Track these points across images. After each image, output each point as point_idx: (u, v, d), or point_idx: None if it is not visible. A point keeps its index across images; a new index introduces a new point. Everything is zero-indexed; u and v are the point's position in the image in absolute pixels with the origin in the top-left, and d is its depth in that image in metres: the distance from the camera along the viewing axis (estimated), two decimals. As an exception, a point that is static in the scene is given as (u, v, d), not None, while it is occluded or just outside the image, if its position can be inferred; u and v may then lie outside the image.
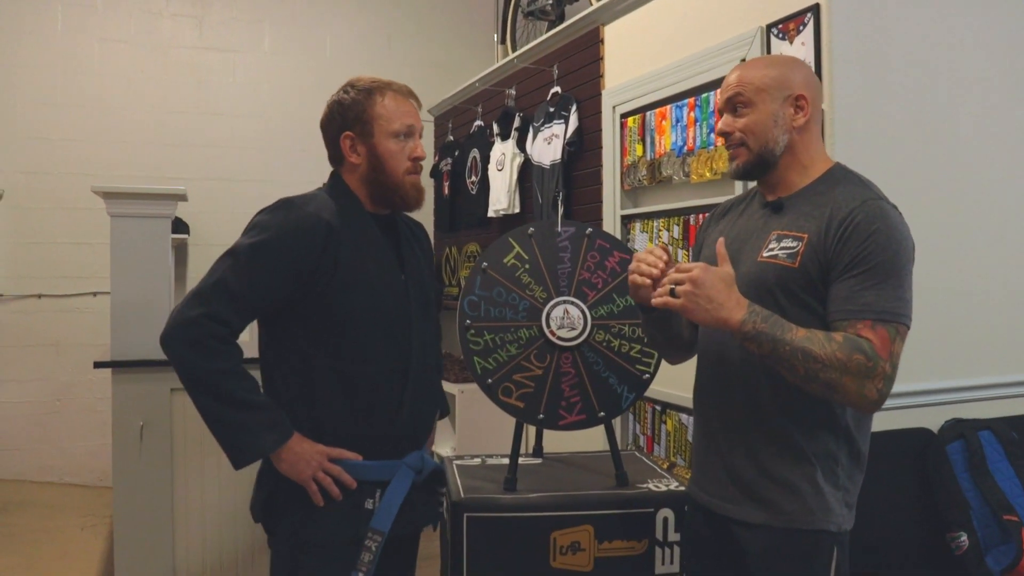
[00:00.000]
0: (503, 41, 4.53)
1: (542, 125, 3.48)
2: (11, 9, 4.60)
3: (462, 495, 1.77)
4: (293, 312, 1.62)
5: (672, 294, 1.33)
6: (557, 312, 1.89)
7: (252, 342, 1.72)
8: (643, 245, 2.82)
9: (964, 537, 1.96)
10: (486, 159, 4.01)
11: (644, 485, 1.85)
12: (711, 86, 2.46)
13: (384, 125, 1.65)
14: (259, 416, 1.57)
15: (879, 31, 2.10)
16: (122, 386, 2.66)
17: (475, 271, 1.91)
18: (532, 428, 2.13)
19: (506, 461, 1.88)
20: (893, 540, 1.99)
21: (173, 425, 2.68)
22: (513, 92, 3.89)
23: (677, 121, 2.64)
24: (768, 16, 2.24)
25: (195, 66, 4.92)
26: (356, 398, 1.63)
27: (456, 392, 3.67)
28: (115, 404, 2.67)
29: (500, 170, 3.82)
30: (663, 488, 1.83)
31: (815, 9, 2.07)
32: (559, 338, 1.87)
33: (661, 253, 1.44)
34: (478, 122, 4.23)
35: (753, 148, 1.45)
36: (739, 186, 2.23)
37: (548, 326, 1.87)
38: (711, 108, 2.47)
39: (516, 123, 3.75)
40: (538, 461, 2.05)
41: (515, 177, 3.72)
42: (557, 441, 2.21)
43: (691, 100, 2.57)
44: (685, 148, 2.60)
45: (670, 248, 2.62)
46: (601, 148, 3.08)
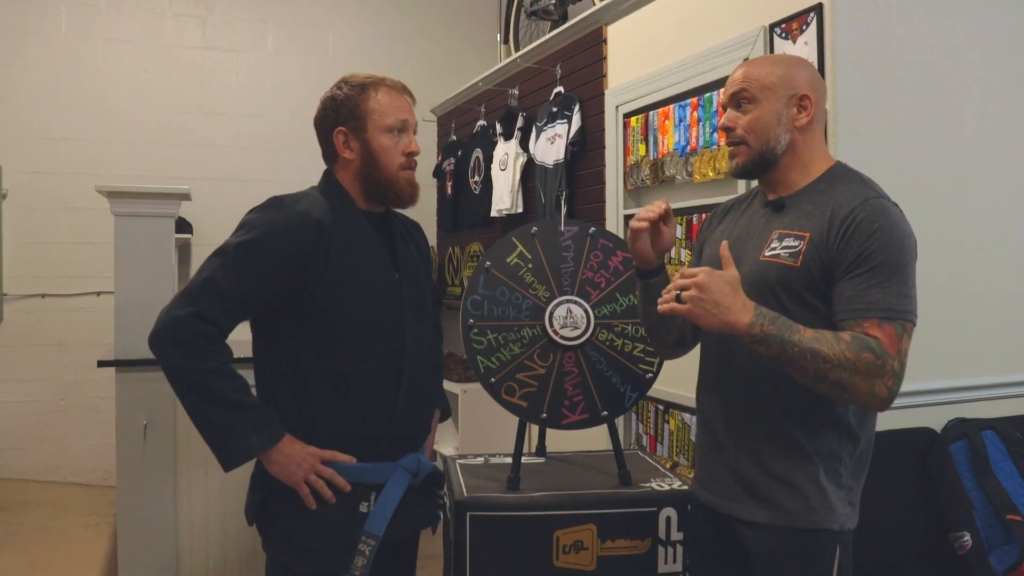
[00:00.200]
0: (506, 41, 4.53)
1: (545, 125, 3.48)
2: (15, 9, 4.61)
3: (465, 494, 1.76)
4: (285, 311, 1.60)
5: (678, 300, 1.33)
6: (560, 311, 1.89)
7: (244, 342, 1.71)
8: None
9: (967, 537, 1.96)
10: (489, 159, 4.01)
11: (647, 484, 1.85)
12: (714, 85, 2.46)
13: (377, 120, 1.64)
14: (248, 417, 1.54)
15: (882, 31, 2.10)
16: (126, 385, 2.67)
17: (478, 270, 1.90)
18: (535, 427, 2.13)
19: (509, 460, 1.88)
20: (896, 539, 1.99)
21: (177, 424, 2.68)
22: (516, 92, 3.89)
23: (680, 121, 2.64)
24: (771, 15, 2.24)
25: (198, 66, 4.93)
26: (349, 399, 1.61)
27: (459, 391, 3.67)
28: (119, 403, 2.68)
29: (503, 170, 3.82)
30: (666, 487, 1.83)
31: (818, 9, 2.07)
32: (562, 337, 1.87)
33: (660, 203, 1.45)
34: (481, 122, 4.23)
35: (754, 146, 1.45)
36: (742, 186, 2.23)
37: (551, 325, 1.87)
38: (714, 108, 2.47)
39: (519, 123, 3.75)
40: (541, 460, 2.05)
41: (518, 177, 3.72)
42: (560, 440, 2.21)
43: (694, 100, 2.57)
44: (688, 148, 2.59)
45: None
46: (604, 148, 3.08)
